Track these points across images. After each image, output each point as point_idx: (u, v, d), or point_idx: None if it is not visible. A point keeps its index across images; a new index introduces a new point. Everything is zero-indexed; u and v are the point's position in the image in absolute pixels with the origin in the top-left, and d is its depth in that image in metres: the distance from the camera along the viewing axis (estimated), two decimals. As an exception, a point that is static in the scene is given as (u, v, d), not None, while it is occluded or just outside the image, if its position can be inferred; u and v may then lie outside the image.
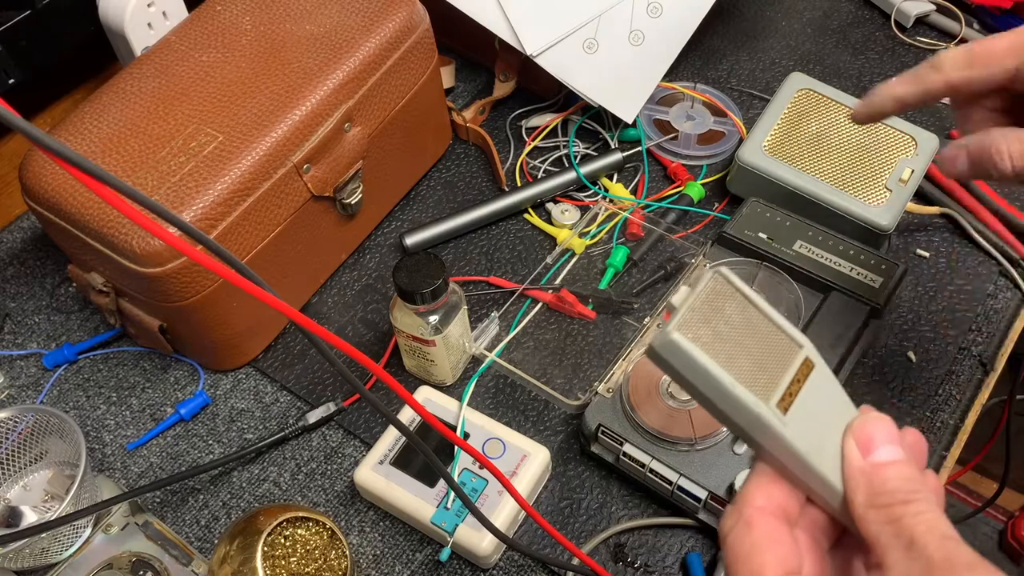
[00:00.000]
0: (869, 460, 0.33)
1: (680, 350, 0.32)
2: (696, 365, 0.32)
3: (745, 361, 0.33)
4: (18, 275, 0.78)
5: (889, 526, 0.31)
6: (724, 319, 0.33)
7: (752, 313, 0.34)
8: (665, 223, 0.76)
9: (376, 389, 0.70)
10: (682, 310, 0.33)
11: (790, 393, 0.33)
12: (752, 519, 0.33)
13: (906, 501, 0.32)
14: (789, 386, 0.33)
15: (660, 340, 0.32)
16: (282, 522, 0.55)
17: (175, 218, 0.34)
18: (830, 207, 0.72)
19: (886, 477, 0.32)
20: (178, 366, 0.72)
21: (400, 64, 0.71)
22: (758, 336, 0.33)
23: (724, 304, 0.33)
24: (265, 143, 0.63)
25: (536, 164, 0.83)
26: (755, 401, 0.32)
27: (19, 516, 0.63)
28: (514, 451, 0.62)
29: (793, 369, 0.33)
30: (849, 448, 0.34)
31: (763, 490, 0.34)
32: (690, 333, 0.32)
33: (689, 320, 0.32)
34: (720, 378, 0.32)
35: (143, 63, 0.68)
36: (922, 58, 0.90)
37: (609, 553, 0.61)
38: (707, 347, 0.32)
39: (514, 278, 0.75)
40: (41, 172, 0.62)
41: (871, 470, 0.33)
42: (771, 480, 0.34)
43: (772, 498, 0.34)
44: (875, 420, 0.34)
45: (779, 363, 0.33)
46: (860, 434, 0.34)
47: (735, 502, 0.34)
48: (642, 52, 0.81)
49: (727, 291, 0.34)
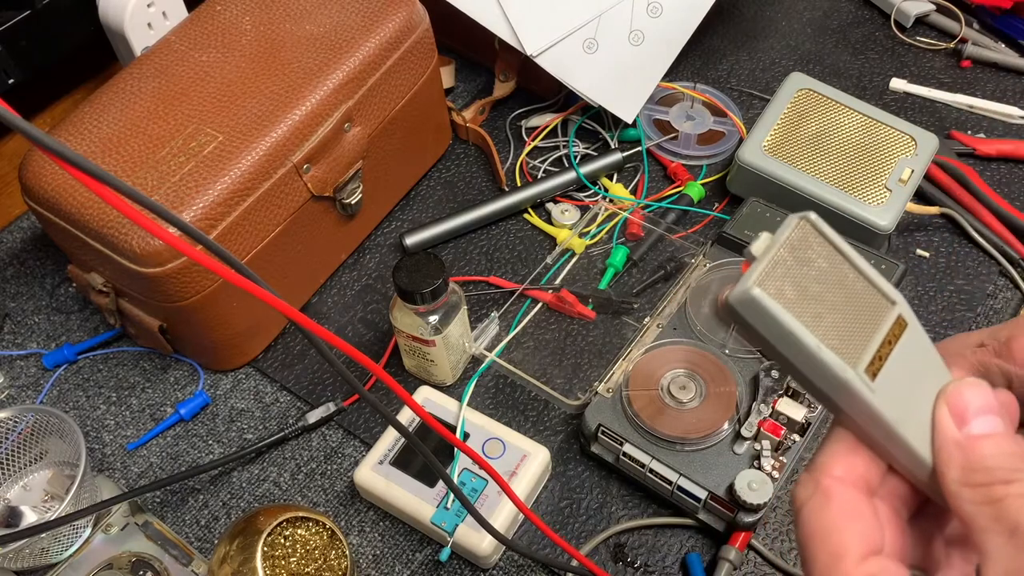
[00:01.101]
0: (965, 431, 0.30)
1: (761, 307, 0.28)
2: (778, 325, 0.29)
3: (833, 320, 0.29)
4: (18, 275, 0.78)
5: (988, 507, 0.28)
6: (810, 272, 0.29)
7: (841, 264, 0.30)
8: (665, 223, 0.76)
9: (376, 389, 0.70)
10: (764, 261, 0.29)
11: (880, 356, 0.30)
12: (831, 490, 0.30)
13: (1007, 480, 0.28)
14: (879, 348, 0.30)
15: (738, 294, 0.28)
16: (282, 522, 0.55)
17: (175, 218, 0.34)
18: (830, 207, 0.72)
19: (984, 453, 0.29)
20: (178, 366, 0.72)
21: (400, 64, 0.71)
22: (847, 291, 0.30)
23: (810, 254, 0.30)
24: (265, 143, 0.63)
25: (536, 164, 0.83)
26: (842, 366, 0.29)
27: (19, 516, 0.63)
28: (514, 451, 0.62)
29: (885, 329, 0.30)
30: (942, 417, 0.30)
31: (843, 459, 0.31)
32: (772, 288, 0.28)
33: (772, 273, 0.29)
34: (805, 340, 0.28)
35: (143, 63, 0.68)
36: (922, 58, 0.90)
37: (609, 553, 0.61)
38: (791, 304, 0.29)
39: (514, 278, 0.75)
40: (41, 172, 0.62)
41: (967, 443, 0.30)
42: (852, 447, 0.31)
43: (853, 468, 0.31)
44: (972, 386, 0.31)
45: (870, 322, 0.30)
46: (955, 402, 0.30)
47: (810, 470, 0.31)
48: (642, 52, 0.81)
49: (814, 239, 0.30)
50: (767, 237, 0.29)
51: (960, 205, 0.77)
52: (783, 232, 0.29)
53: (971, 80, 0.88)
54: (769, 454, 0.59)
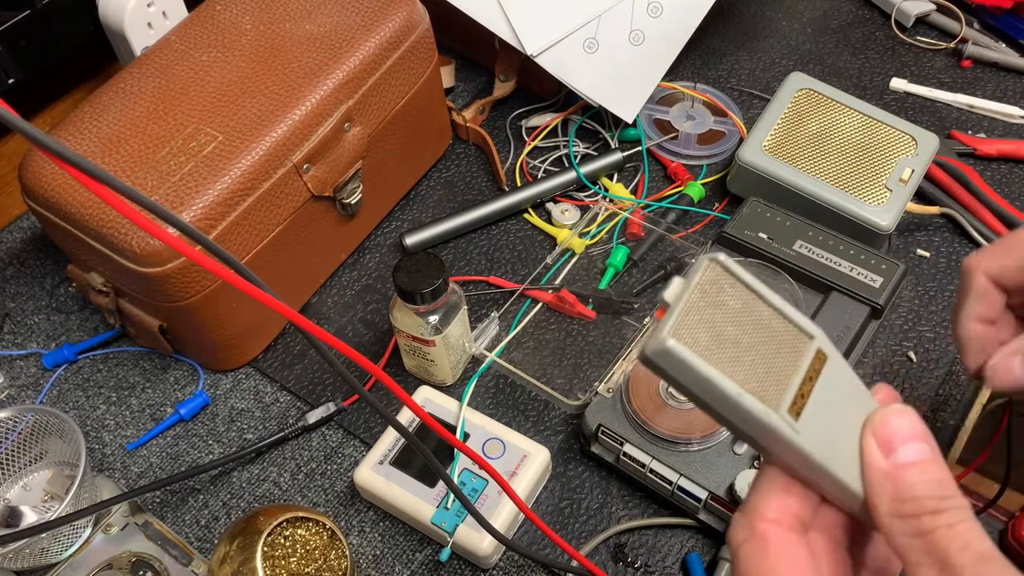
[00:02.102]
0: (892, 460, 0.30)
1: (676, 358, 0.28)
2: (696, 373, 0.28)
3: (750, 362, 0.29)
4: (18, 275, 0.78)
5: (918, 539, 0.28)
6: (724, 314, 0.29)
7: (755, 304, 0.30)
8: (665, 223, 0.76)
9: (376, 389, 0.70)
10: (677, 309, 0.28)
11: (802, 394, 0.29)
12: (767, 535, 0.30)
13: (936, 511, 0.28)
14: (801, 386, 0.29)
15: (654, 346, 0.28)
16: (282, 522, 0.55)
17: (174, 218, 0.34)
18: (830, 207, 0.72)
19: (912, 481, 0.29)
20: (178, 366, 0.72)
21: (400, 64, 0.71)
22: (764, 330, 0.30)
23: (723, 296, 0.29)
24: (265, 143, 0.63)
25: (536, 164, 0.83)
26: (764, 411, 0.28)
27: (19, 516, 0.63)
28: (514, 451, 0.62)
29: (805, 365, 0.30)
30: (869, 447, 0.30)
31: (775, 500, 0.31)
32: (687, 337, 0.28)
33: (685, 321, 0.28)
34: (724, 387, 0.28)
35: (143, 63, 0.68)
36: (923, 58, 0.90)
37: (609, 553, 0.61)
38: (707, 352, 0.28)
39: (514, 278, 0.75)
40: (41, 172, 0.62)
41: (894, 473, 0.29)
42: (784, 487, 0.31)
43: (786, 509, 0.31)
44: (896, 413, 0.31)
45: (789, 360, 0.30)
46: (880, 431, 0.30)
47: (745, 511, 0.31)
48: (642, 52, 0.81)
49: (725, 280, 0.29)
50: (679, 282, 0.29)
51: (960, 205, 0.77)
52: (694, 276, 0.29)
53: (971, 80, 0.88)
54: (769, 454, 0.59)
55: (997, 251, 0.44)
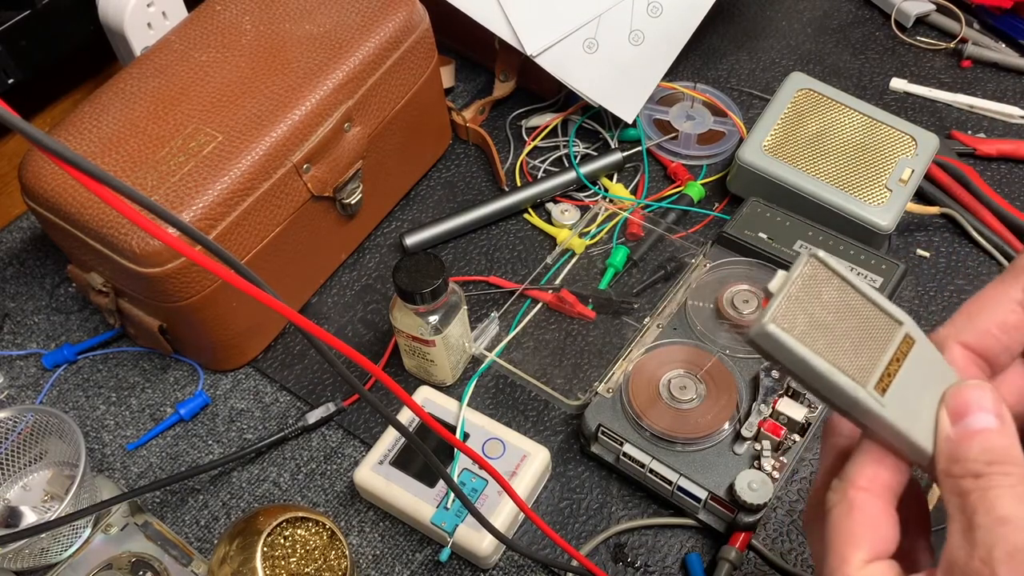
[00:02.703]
0: (957, 427, 0.32)
1: (776, 340, 0.32)
2: (792, 354, 0.33)
3: (843, 345, 0.33)
4: (18, 275, 0.78)
5: (956, 498, 0.31)
6: (821, 304, 0.33)
7: (850, 295, 0.34)
8: (665, 223, 0.76)
9: (376, 389, 0.70)
10: (778, 298, 0.33)
11: (888, 373, 0.33)
12: (855, 500, 0.34)
13: (978, 474, 0.31)
14: (888, 366, 0.33)
15: (756, 329, 0.33)
16: (282, 522, 0.55)
17: (174, 218, 0.34)
18: (830, 207, 0.72)
19: (968, 446, 0.32)
20: (178, 366, 0.72)
21: (400, 64, 0.71)
22: (856, 318, 0.34)
23: (821, 288, 0.34)
24: (265, 143, 0.63)
25: (536, 164, 0.83)
26: (853, 386, 0.33)
27: (19, 516, 0.63)
28: (514, 451, 0.62)
29: (892, 348, 0.34)
30: (941, 416, 0.33)
31: (868, 470, 0.34)
32: (786, 322, 0.33)
33: (785, 308, 0.33)
34: (817, 366, 0.32)
35: (143, 63, 0.68)
36: (922, 58, 0.90)
37: (609, 553, 0.61)
38: (803, 335, 0.33)
39: (514, 278, 0.75)
40: (41, 172, 0.62)
41: (956, 437, 0.32)
42: (877, 458, 0.34)
43: (877, 478, 0.34)
44: (972, 387, 0.33)
45: (878, 343, 0.34)
46: (953, 401, 0.33)
47: (841, 478, 0.35)
48: (642, 52, 0.81)
49: (824, 275, 0.34)
50: (782, 275, 0.34)
51: (960, 205, 0.77)
52: (795, 269, 0.34)
53: (971, 80, 0.88)
54: (769, 454, 0.59)
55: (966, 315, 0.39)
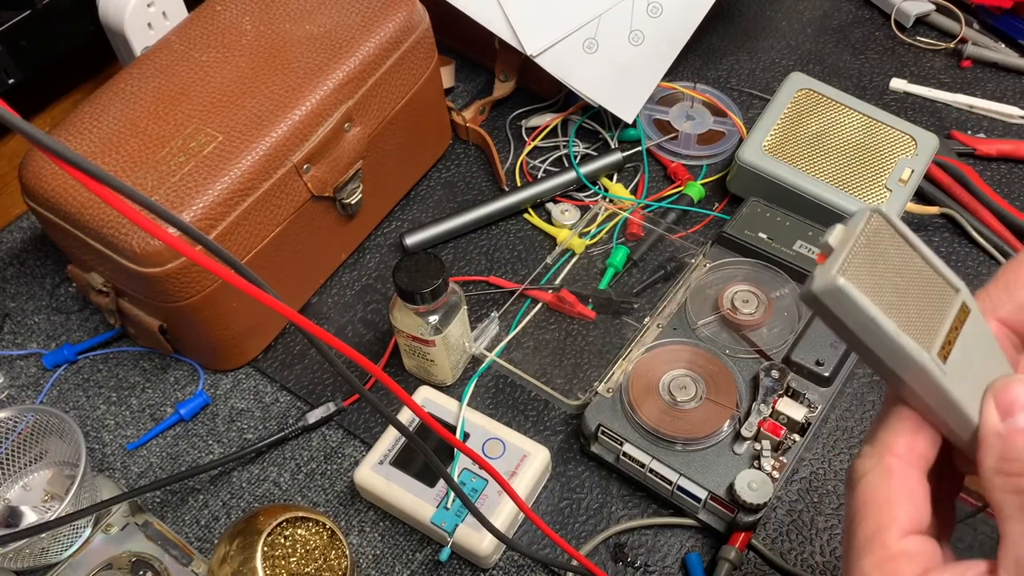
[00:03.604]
0: (1008, 423, 0.32)
1: (845, 296, 0.30)
2: (860, 312, 0.30)
3: (907, 307, 0.31)
4: (18, 275, 0.78)
5: (1015, 496, 0.30)
6: (884, 261, 0.31)
7: (910, 255, 0.32)
8: (665, 223, 0.76)
9: (376, 389, 0.70)
10: (845, 252, 0.30)
11: (949, 340, 0.32)
12: (893, 467, 0.32)
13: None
14: (948, 333, 0.32)
15: (823, 284, 0.30)
16: (282, 522, 0.55)
17: (174, 218, 0.34)
18: (830, 207, 0.72)
19: (1021, 445, 0.31)
20: (178, 366, 0.72)
21: (400, 64, 0.71)
22: (917, 279, 0.32)
23: (883, 244, 0.32)
24: (265, 143, 0.63)
25: (536, 164, 0.83)
26: (918, 350, 0.31)
27: (19, 516, 0.63)
28: (514, 451, 0.62)
29: (952, 315, 0.32)
30: (988, 409, 0.32)
31: (906, 438, 0.33)
32: (853, 277, 0.30)
33: (851, 262, 0.30)
34: (885, 326, 0.30)
35: (143, 63, 0.68)
36: (922, 58, 0.90)
37: (609, 553, 0.61)
38: (870, 292, 0.30)
39: (514, 278, 0.75)
40: (41, 172, 0.62)
41: (1007, 434, 0.31)
42: (915, 427, 0.33)
43: (915, 447, 0.33)
44: (1019, 383, 0.33)
45: (938, 308, 0.32)
46: (1002, 396, 0.32)
47: (873, 443, 0.33)
48: (642, 52, 0.81)
49: (886, 231, 0.32)
50: (842, 229, 0.31)
51: (960, 205, 0.77)
52: (857, 224, 0.31)
53: (971, 80, 0.88)
54: (769, 454, 0.59)
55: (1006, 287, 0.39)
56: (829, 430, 0.66)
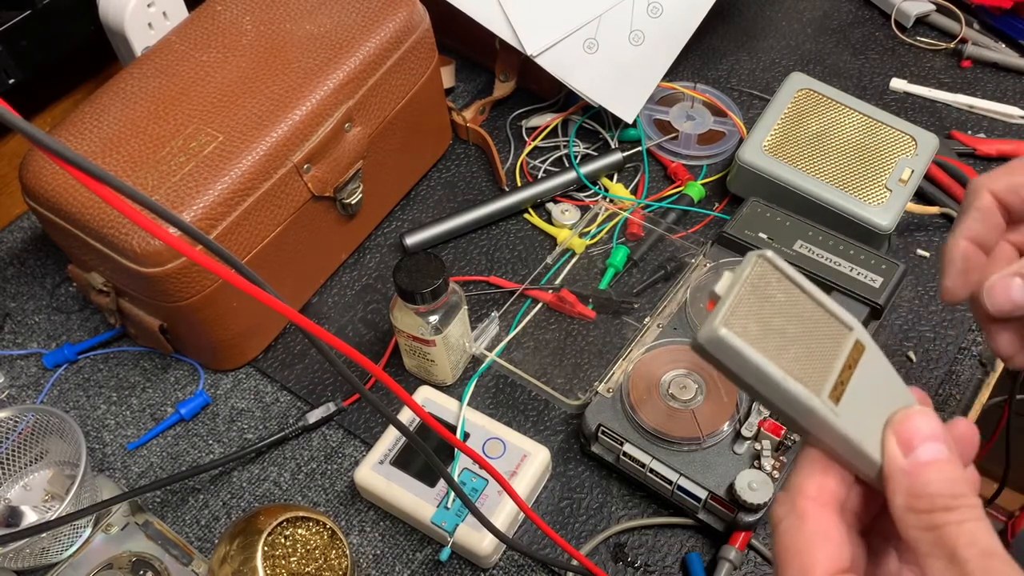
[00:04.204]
0: (910, 459, 0.31)
1: (727, 345, 0.30)
2: (744, 360, 0.30)
3: (795, 351, 0.31)
4: (18, 275, 0.78)
5: (929, 533, 0.30)
6: (771, 306, 0.31)
7: (799, 297, 0.32)
8: (665, 223, 0.76)
9: (376, 389, 0.70)
10: (728, 301, 0.31)
11: (841, 381, 0.32)
12: (805, 511, 0.32)
13: (948, 508, 0.30)
14: (840, 373, 0.32)
15: (706, 335, 0.30)
16: (282, 522, 0.55)
17: (175, 218, 0.34)
18: (830, 207, 0.72)
19: (928, 479, 0.31)
20: (178, 366, 0.72)
21: (400, 64, 0.71)
22: (807, 322, 0.32)
23: (770, 290, 0.32)
24: (265, 143, 0.63)
25: (536, 164, 0.83)
26: (807, 395, 0.31)
27: (19, 516, 0.63)
28: (514, 451, 0.62)
29: (844, 355, 0.32)
30: (890, 444, 0.32)
31: (815, 479, 0.33)
32: (737, 326, 0.30)
33: (735, 311, 0.31)
34: (771, 373, 0.30)
35: (143, 63, 0.68)
36: (922, 58, 0.90)
37: (609, 553, 0.61)
38: (755, 340, 0.30)
39: (514, 278, 0.75)
40: (41, 172, 0.62)
41: (911, 470, 0.31)
42: (823, 468, 0.33)
43: (824, 488, 0.33)
44: (917, 414, 0.32)
45: (829, 349, 0.32)
46: (902, 429, 0.32)
47: (787, 490, 0.34)
48: (642, 52, 0.81)
49: (772, 275, 0.32)
50: (728, 276, 0.31)
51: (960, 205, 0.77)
52: (743, 271, 0.31)
53: (971, 80, 0.88)
54: (769, 454, 0.59)
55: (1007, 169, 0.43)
56: (829, 430, 0.66)
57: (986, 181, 0.42)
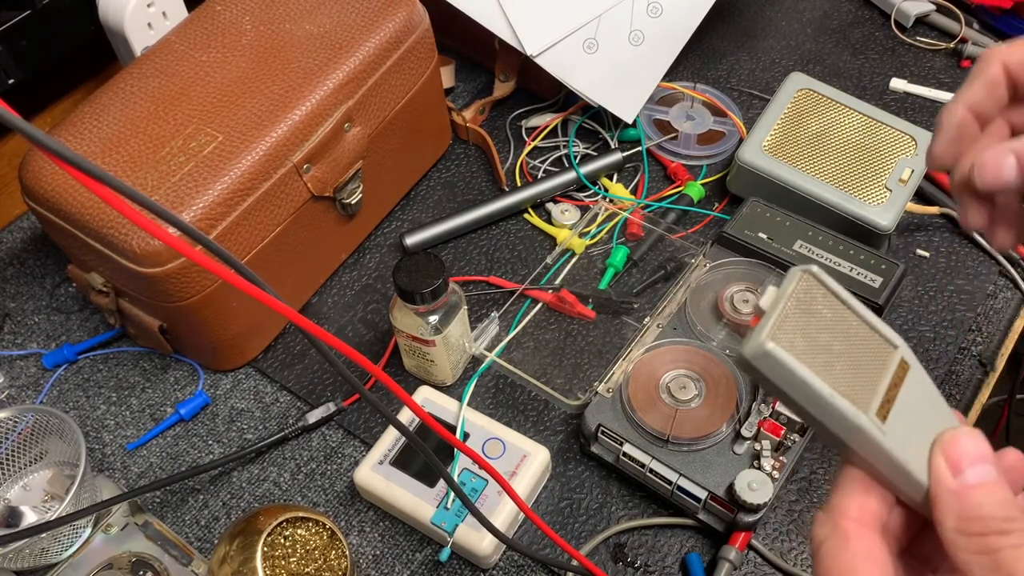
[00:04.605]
0: (959, 480, 0.31)
1: (775, 360, 0.30)
2: (792, 375, 0.30)
3: (841, 367, 0.31)
4: (18, 275, 0.78)
5: (983, 557, 0.29)
6: (817, 322, 0.31)
7: (844, 313, 0.32)
8: (665, 223, 0.76)
9: (376, 389, 0.70)
10: (774, 315, 0.30)
11: (888, 400, 0.31)
12: (849, 532, 0.31)
13: (1003, 531, 0.29)
14: (887, 392, 0.31)
15: (753, 349, 0.30)
16: (282, 522, 0.55)
17: (175, 218, 0.34)
18: (830, 207, 0.72)
19: (979, 501, 0.30)
20: (178, 366, 0.72)
21: (400, 64, 0.71)
22: (852, 338, 0.31)
23: (816, 305, 0.31)
24: (265, 143, 0.63)
25: (536, 164, 0.83)
26: (855, 412, 0.30)
27: (19, 516, 0.63)
28: (514, 451, 0.62)
29: (890, 373, 0.32)
30: (938, 465, 0.31)
31: (857, 499, 0.32)
32: (784, 341, 0.30)
33: (782, 326, 0.30)
34: (819, 389, 0.30)
35: (143, 63, 0.68)
36: (922, 58, 0.90)
37: (609, 553, 0.61)
38: (803, 356, 0.30)
39: (514, 278, 0.75)
40: (41, 172, 0.62)
41: (961, 492, 0.31)
42: (865, 488, 0.32)
43: (867, 509, 0.32)
44: (967, 435, 0.32)
45: (875, 367, 0.32)
46: (950, 450, 0.31)
47: (828, 510, 0.33)
48: (642, 52, 0.81)
49: (818, 291, 0.31)
50: (773, 291, 0.31)
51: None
52: (788, 285, 0.31)
53: (971, 80, 0.88)
54: (769, 454, 0.59)
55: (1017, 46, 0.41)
56: (829, 430, 0.66)
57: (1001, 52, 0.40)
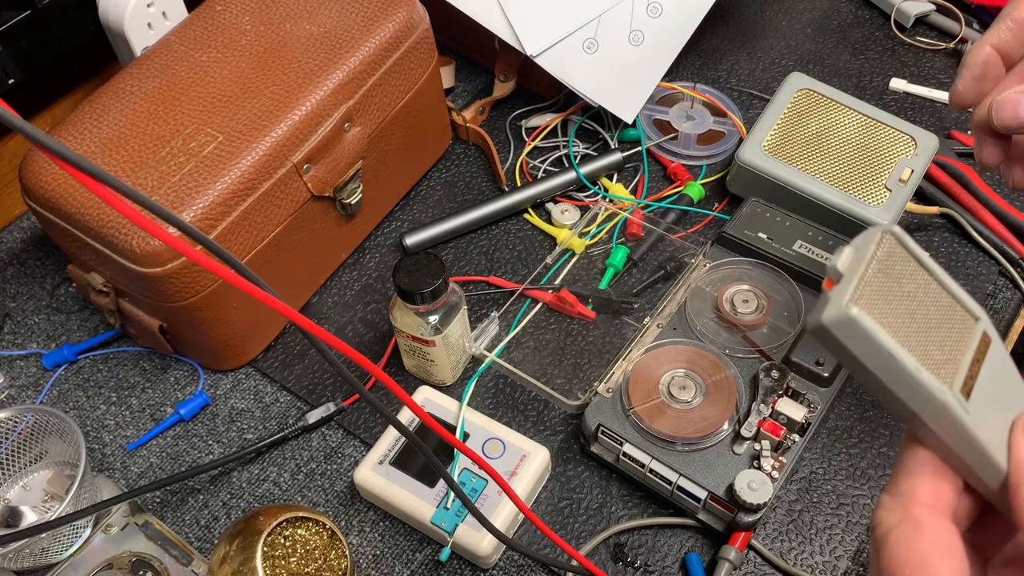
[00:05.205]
0: None
1: (859, 328, 0.27)
2: (877, 346, 0.27)
3: (925, 339, 0.28)
4: (18, 275, 0.78)
5: None
6: (899, 288, 0.28)
7: (927, 280, 0.29)
8: (665, 223, 0.76)
9: (376, 389, 0.70)
10: (855, 279, 0.27)
11: (971, 375, 0.29)
12: (922, 520, 0.29)
13: None
14: (970, 366, 0.29)
15: (834, 315, 0.27)
16: (282, 522, 0.55)
17: (175, 218, 0.34)
18: (830, 207, 0.72)
19: None
20: (178, 366, 0.72)
21: (400, 64, 0.71)
22: (935, 308, 0.29)
23: (898, 269, 0.28)
24: (265, 143, 0.63)
25: (536, 164, 0.83)
26: (940, 388, 0.27)
27: (19, 516, 0.63)
28: (514, 451, 0.62)
29: (973, 347, 0.29)
30: (1018, 445, 0.29)
31: (929, 484, 0.30)
32: (868, 306, 0.27)
33: (864, 292, 0.27)
34: (904, 362, 0.27)
35: (143, 63, 0.68)
36: (922, 58, 0.90)
37: (609, 553, 0.61)
38: (886, 324, 0.27)
39: (514, 278, 0.75)
40: (41, 172, 0.62)
41: None
42: (937, 471, 0.30)
43: (941, 496, 0.29)
44: None
45: (959, 340, 0.29)
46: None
47: (895, 494, 0.30)
48: (642, 52, 0.81)
49: (900, 254, 0.29)
50: (851, 251, 0.28)
51: (960, 205, 0.77)
52: (868, 246, 0.28)
53: (971, 80, 0.88)
54: (769, 454, 0.59)
55: None
56: (829, 430, 0.66)
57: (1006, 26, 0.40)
